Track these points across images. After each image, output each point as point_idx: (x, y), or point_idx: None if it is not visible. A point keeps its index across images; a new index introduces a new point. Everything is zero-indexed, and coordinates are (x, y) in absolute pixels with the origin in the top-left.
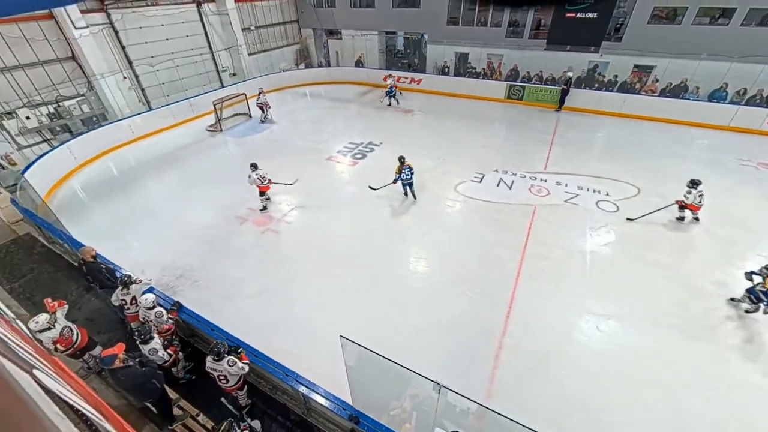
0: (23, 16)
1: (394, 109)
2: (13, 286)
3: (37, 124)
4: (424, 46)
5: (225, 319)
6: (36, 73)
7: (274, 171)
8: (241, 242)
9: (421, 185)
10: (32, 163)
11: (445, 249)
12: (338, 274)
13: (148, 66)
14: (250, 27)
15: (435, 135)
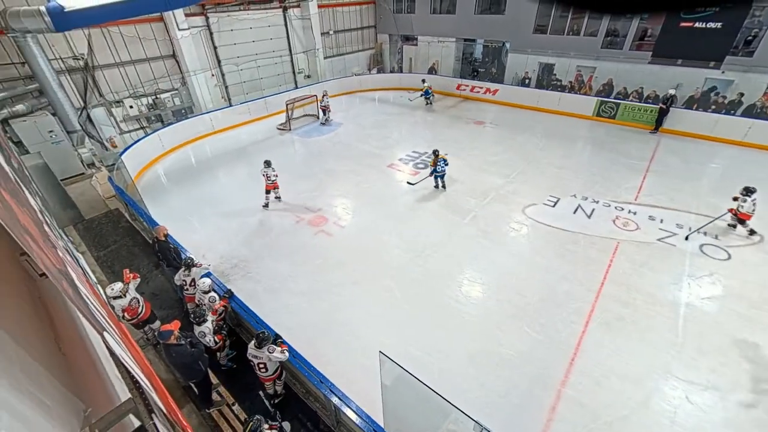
0: (140, 18)
1: (465, 121)
2: (99, 255)
3: (138, 113)
4: (505, 55)
5: (269, 313)
6: (142, 68)
7: (333, 171)
8: (295, 240)
9: (486, 204)
10: (129, 146)
11: (505, 276)
12: (386, 285)
13: (233, 65)
14: (329, 31)
15: (507, 150)
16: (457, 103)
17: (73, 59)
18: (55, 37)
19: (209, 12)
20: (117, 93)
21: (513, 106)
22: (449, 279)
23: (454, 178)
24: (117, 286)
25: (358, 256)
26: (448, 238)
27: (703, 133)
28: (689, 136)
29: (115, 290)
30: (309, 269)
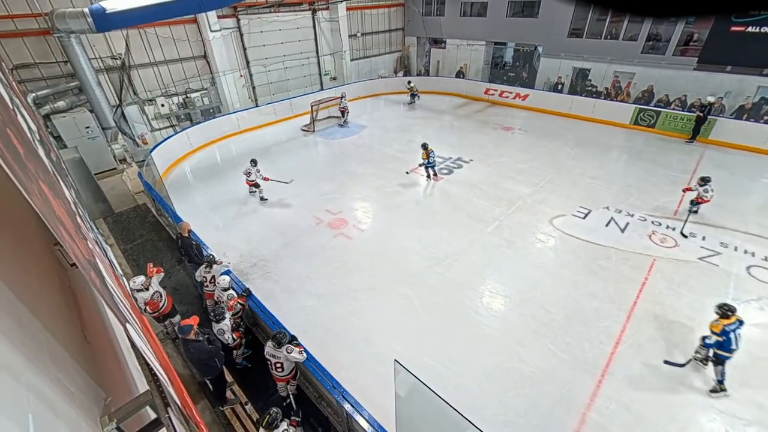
0: (175, 20)
1: (492, 126)
2: (126, 248)
3: (168, 112)
4: (537, 59)
5: (286, 314)
6: (175, 68)
7: (355, 174)
8: (314, 242)
9: (511, 213)
10: (159, 144)
11: (530, 289)
12: (404, 293)
13: (261, 66)
14: (357, 34)
15: (535, 158)
16: (485, 108)
17: (111, 59)
18: (96, 37)
19: (240, 14)
20: (150, 92)
21: (543, 112)
22: (470, 289)
23: (479, 185)
24: (139, 279)
25: (377, 261)
26: (471, 246)
27: (754, 146)
28: (738, 148)
29: (137, 283)
30: (327, 272)
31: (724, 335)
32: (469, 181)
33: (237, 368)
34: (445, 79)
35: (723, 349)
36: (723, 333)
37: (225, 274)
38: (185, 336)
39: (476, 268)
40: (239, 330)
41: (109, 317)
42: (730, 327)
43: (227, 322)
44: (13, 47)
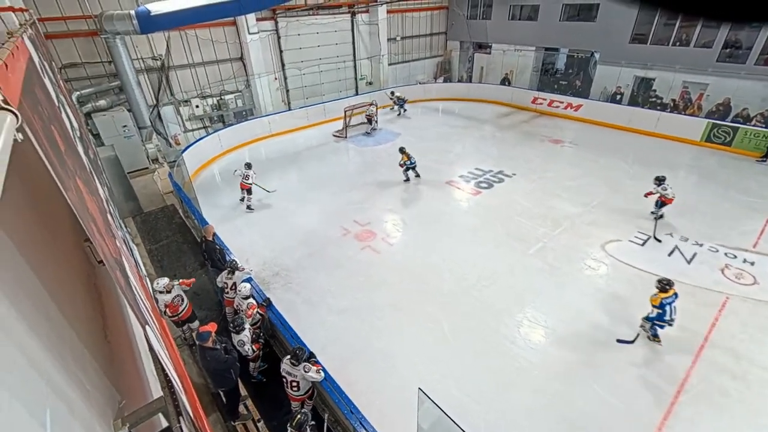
0: (215, 22)
1: (539, 138)
2: (151, 248)
3: (202, 113)
4: (593, 67)
5: (305, 328)
6: (211, 69)
7: (387, 184)
8: (339, 253)
9: (557, 235)
10: (190, 145)
11: (575, 321)
12: (433, 314)
13: (296, 70)
14: (396, 37)
15: (587, 175)
16: (531, 119)
17: (152, 59)
18: (139, 38)
19: (279, 16)
20: (186, 93)
21: (598, 124)
22: (506, 316)
23: (522, 201)
24: (163, 281)
25: (405, 278)
26: (509, 268)
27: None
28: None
29: (161, 285)
30: (351, 286)
31: (661, 308)
32: (511, 197)
33: (252, 382)
34: (488, 86)
35: (659, 320)
36: (660, 305)
37: (246, 281)
38: (203, 343)
39: (515, 293)
40: (259, 341)
41: (130, 318)
42: (667, 300)
43: (247, 333)
44: (63, 47)
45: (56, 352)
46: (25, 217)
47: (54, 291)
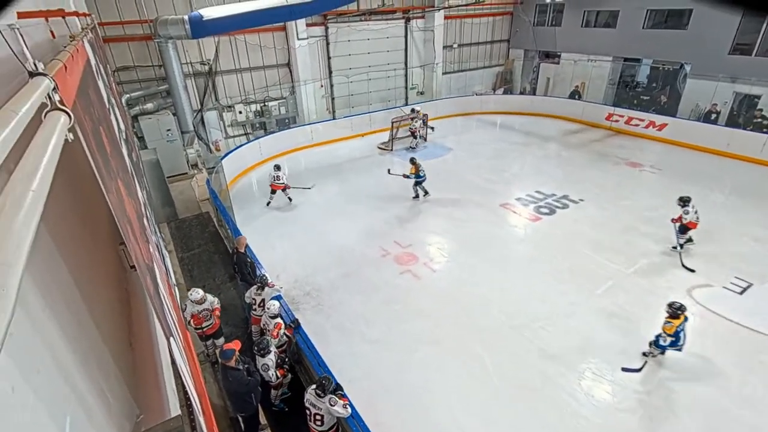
0: (265, 27)
1: (614, 161)
2: (183, 256)
3: (245, 119)
4: (682, 80)
5: (333, 356)
6: (257, 75)
7: (433, 203)
8: (376, 276)
9: (631, 274)
10: (230, 151)
11: (649, 379)
12: (477, 353)
13: (344, 77)
14: (453, 45)
15: (672, 205)
16: (605, 137)
17: (200, 64)
18: (189, 43)
19: (330, 22)
20: (230, 98)
21: (687, 147)
22: (565, 365)
23: (590, 232)
24: (199, 293)
25: (447, 310)
26: (571, 309)
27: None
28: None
29: (195, 297)
30: (386, 313)
31: (675, 335)
32: (577, 226)
33: (273, 410)
34: (555, 100)
35: (673, 346)
36: (675, 333)
37: (275, 299)
38: (226, 362)
39: (577, 339)
40: (283, 367)
41: (156, 327)
42: (680, 326)
43: (272, 357)
44: (118, 51)
45: (82, 356)
46: (66, 216)
47: (86, 293)
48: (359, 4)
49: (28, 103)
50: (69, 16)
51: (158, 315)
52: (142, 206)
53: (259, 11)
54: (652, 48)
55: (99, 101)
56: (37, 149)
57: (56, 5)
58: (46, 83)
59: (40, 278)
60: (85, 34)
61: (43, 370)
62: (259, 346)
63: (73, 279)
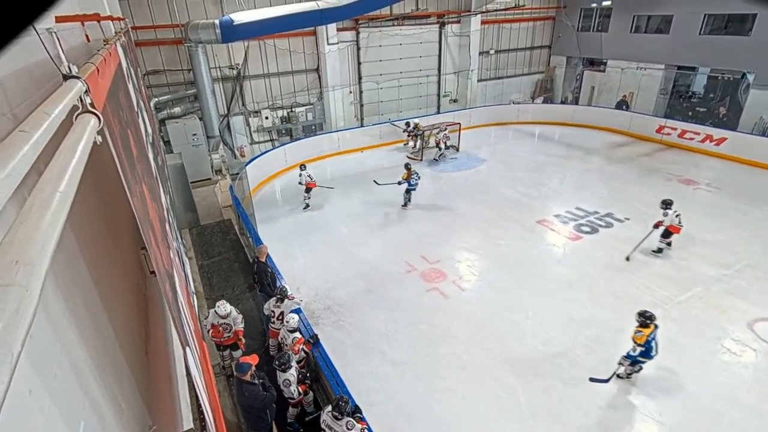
0: (295, 32)
1: (665, 177)
2: (202, 264)
3: (271, 125)
4: (744, 91)
5: (353, 377)
6: (285, 80)
7: (463, 217)
8: (401, 293)
9: (684, 301)
10: (255, 157)
11: (703, 419)
12: (508, 383)
13: (373, 83)
14: (489, 51)
15: (731, 228)
16: (655, 151)
17: (228, 68)
18: (219, 47)
19: (361, 27)
20: (257, 103)
21: (749, 164)
22: (607, 399)
23: (636, 254)
24: (227, 308)
25: (476, 333)
26: (614, 337)
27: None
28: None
29: (222, 311)
30: (410, 333)
31: (647, 344)
32: (622, 246)
33: (288, 429)
34: (600, 110)
35: (644, 356)
36: (646, 343)
37: (295, 312)
38: (241, 376)
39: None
40: (305, 383)
41: (173, 336)
42: (651, 336)
43: (293, 372)
44: (149, 54)
45: (99, 362)
46: (89, 218)
47: (106, 297)
48: (392, 9)
49: (61, 105)
50: (104, 20)
51: (175, 323)
52: (165, 211)
53: (290, 15)
54: (710, 55)
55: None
56: (67, 151)
57: (92, 9)
58: (78, 86)
59: (62, 280)
60: (118, 38)
61: (60, 374)
62: (280, 361)
63: (93, 282)
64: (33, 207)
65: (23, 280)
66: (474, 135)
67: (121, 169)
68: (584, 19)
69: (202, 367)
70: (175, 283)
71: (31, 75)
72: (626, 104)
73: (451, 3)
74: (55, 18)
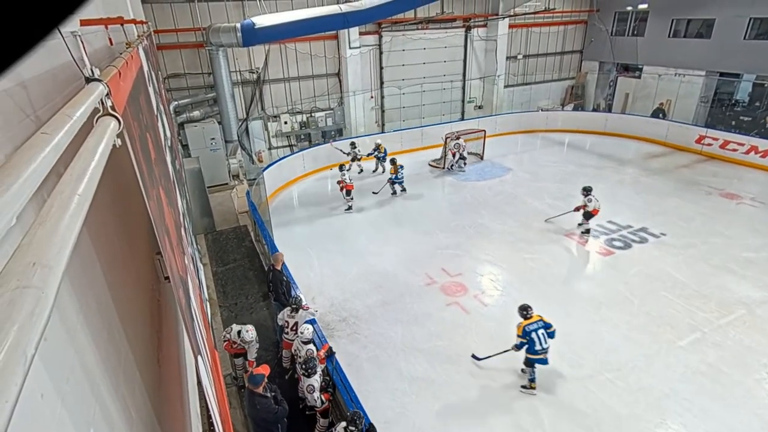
0: (317, 36)
1: (705, 190)
2: (217, 270)
3: (290, 130)
4: None
5: (367, 392)
6: (306, 84)
7: (487, 229)
8: (419, 307)
9: (725, 325)
10: (273, 163)
11: None
12: (532, 406)
13: (395, 88)
14: (517, 55)
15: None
16: (694, 163)
17: (249, 72)
18: (239, 51)
19: (384, 30)
20: (277, 108)
21: None
22: (639, 429)
23: (673, 273)
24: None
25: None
26: (647, 362)
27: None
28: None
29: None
30: (429, 350)
31: (526, 335)
32: (657, 264)
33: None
34: (635, 118)
35: (529, 351)
36: (524, 334)
37: (309, 323)
38: (254, 387)
39: (652, 398)
40: (328, 391)
41: (185, 343)
42: (530, 327)
43: (318, 378)
44: (170, 58)
45: (111, 368)
46: (105, 222)
47: (120, 302)
48: (416, 12)
49: (82, 107)
50: (127, 23)
51: (188, 330)
52: (181, 216)
53: (312, 19)
54: (756, 62)
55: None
56: (87, 153)
57: (116, 13)
58: (100, 89)
59: (77, 283)
60: (141, 42)
61: (72, 378)
62: (306, 365)
63: (108, 286)
64: (52, 209)
65: (40, 281)
66: (500, 143)
67: (138, 172)
68: (618, 23)
69: (213, 377)
70: (189, 289)
71: (54, 77)
72: (663, 113)
73: (477, 6)
74: (79, 21)
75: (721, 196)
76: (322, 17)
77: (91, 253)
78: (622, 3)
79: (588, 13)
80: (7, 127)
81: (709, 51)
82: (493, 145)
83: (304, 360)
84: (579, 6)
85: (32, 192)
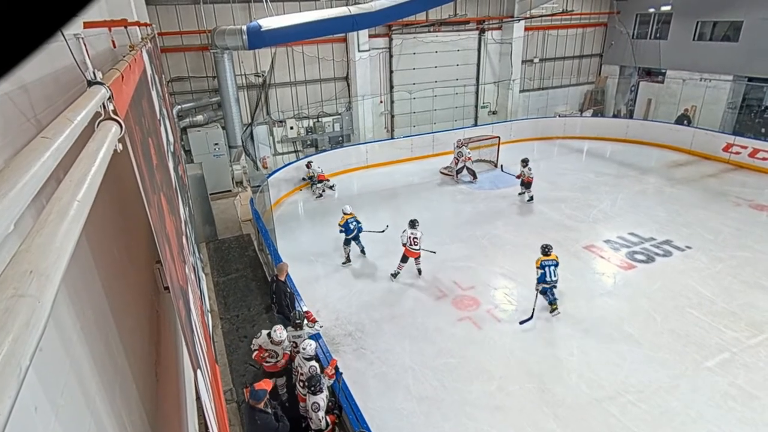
0: (325, 38)
1: (733, 200)
2: (218, 281)
3: (296, 135)
4: None
5: (373, 411)
6: (313, 88)
7: (501, 240)
8: (430, 321)
9: (756, 345)
10: (278, 169)
11: None
12: (549, 429)
13: (406, 93)
14: (533, 59)
15: None
16: (721, 172)
17: (254, 76)
18: (245, 54)
19: (394, 33)
20: (283, 112)
21: None
22: None
23: (700, 288)
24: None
25: (513, 371)
26: (671, 383)
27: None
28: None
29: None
30: (439, 367)
31: (542, 268)
32: (682, 279)
33: None
34: (657, 125)
35: (541, 281)
36: (541, 266)
37: (312, 338)
38: (256, 403)
39: (678, 422)
40: (333, 413)
41: (184, 357)
42: (546, 263)
43: (324, 397)
44: (174, 61)
45: (107, 382)
46: (104, 229)
47: (117, 313)
48: (428, 14)
49: (84, 111)
50: (131, 26)
51: (188, 343)
52: (183, 224)
53: (320, 21)
54: None
55: (151, 112)
56: (87, 158)
57: (120, 15)
58: (102, 92)
59: (74, 292)
60: (144, 44)
61: (67, 391)
62: (311, 381)
63: (105, 296)
64: (50, 215)
65: (36, 290)
66: (514, 150)
67: (139, 178)
68: (640, 26)
69: (213, 392)
70: (189, 300)
71: (56, 80)
72: (688, 119)
73: (491, 8)
74: (83, 24)
75: (750, 208)
76: (331, 19)
77: (89, 262)
78: (643, 5)
79: (608, 15)
80: (8, 131)
81: (737, 55)
82: (508, 152)
83: (308, 377)
84: (598, 8)
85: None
